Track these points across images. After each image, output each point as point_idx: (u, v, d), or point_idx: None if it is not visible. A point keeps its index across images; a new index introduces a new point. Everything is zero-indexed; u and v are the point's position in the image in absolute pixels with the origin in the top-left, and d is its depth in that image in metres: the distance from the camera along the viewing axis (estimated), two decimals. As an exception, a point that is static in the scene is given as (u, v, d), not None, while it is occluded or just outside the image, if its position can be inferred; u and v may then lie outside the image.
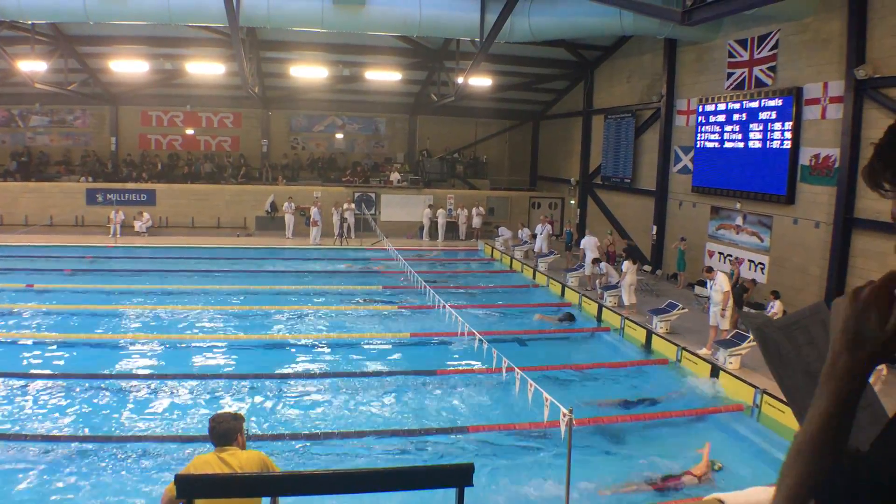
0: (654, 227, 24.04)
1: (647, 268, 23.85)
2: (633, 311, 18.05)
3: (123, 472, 9.63)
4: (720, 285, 14.97)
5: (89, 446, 10.33)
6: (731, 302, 14.93)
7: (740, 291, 17.21)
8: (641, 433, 11.34)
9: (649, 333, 16.30)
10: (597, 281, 20.94)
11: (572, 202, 32.54)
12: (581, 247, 22.74)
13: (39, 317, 18.08)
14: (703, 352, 14.56)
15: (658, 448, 10.78)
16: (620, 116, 26.83)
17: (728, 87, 20.35)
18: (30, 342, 15.93)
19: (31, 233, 30.30)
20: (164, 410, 11.92)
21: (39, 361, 14.55)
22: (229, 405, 11.75)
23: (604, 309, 18.84)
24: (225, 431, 5.16)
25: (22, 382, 13.04)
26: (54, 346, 15.63)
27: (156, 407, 12.11)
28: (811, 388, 1.24)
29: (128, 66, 29.49)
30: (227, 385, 13.26)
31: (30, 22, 23.91)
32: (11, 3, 19.94)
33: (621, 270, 19.00)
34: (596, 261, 20.99)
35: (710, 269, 16.08)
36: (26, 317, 18.05)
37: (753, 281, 18.23)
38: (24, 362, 14.35)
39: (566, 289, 21.40)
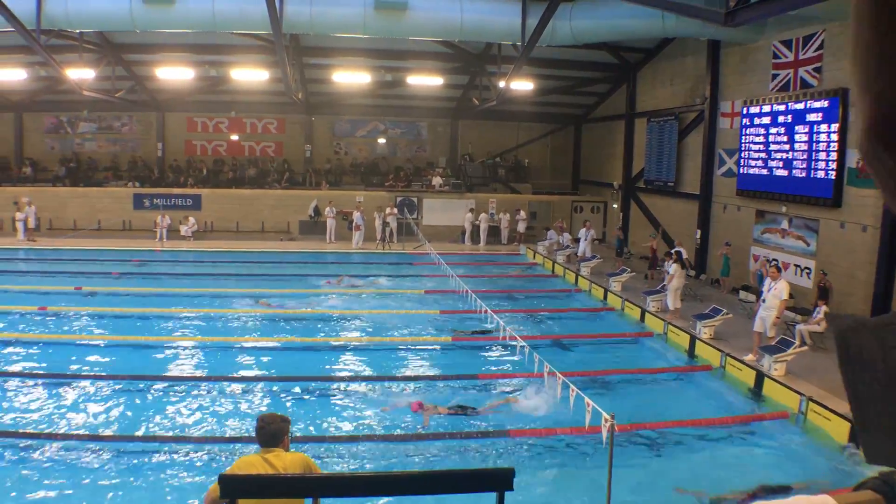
0: (699, 232, 23.81)
1: (692, 272, 23.61)
2: (676, 316, 17.89)
3: (167, 473, 9.78)
4: (780, 292, 14.60)
5: (133, 446, 10.52)
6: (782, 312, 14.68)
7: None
8: (684, 439, 11.22)
9: (693, 339, 16.11)
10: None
11: (615, 206, 32.33)
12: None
13: (87, 319, 18.45)
14: (749, 358, 14.34)
15: (701, 455, 10.68)
16: (663, 119, 26.63)
17: (773, 88, 20.10)
18: (77, 343, 16.24)
19: (80, 237, 30.91)
20: (207, 412, 12.07)
21: (86, 362, 14.82)
22: (272, 407, 11.85)
23: (647, 314, 18.70)
24: (274, 433, 5.23)
25: (69, 383, 13.32)
26: (101, 348, 15.93)
27: (199, 408, 12.27)
28: (890, 395, 1.21)
29: (173, 74, 29.92)
30: (269, 387, 13.40)
31: (77, 31, 24.41)
32: (59, 12, 20.37)
33: (667, 273, 18.83)
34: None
35: (777, 269, 15.46)
36: (74, 319, 18.42)
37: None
38: (72, 363, 14.62)
39: (608, 293, 21.26)
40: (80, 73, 27.08)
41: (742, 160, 21.46)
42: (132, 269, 25.49)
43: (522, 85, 28.70)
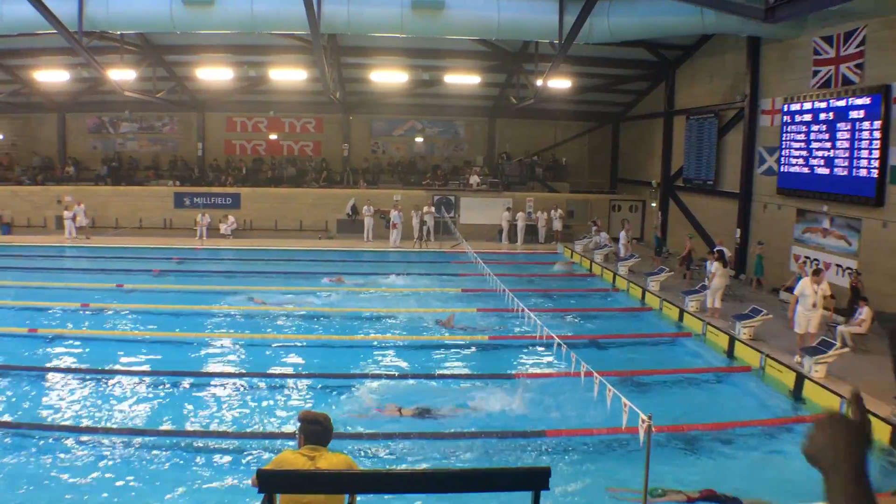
0: (738, 231, 23.53)
1: (731, 272, 23.34)
2: (715, 316, 17.72)
3: (205, 467, 9.93)
4: (824, 290, 14.53)
5: (171, 441, 10.71)
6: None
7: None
8: (722, 441, 11.12)
9: (732, 339, 15.94)
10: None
11: (653, 204, 32.09)
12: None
13: (128, 315, 18.74)
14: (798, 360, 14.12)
15: (739, 457, 10.59)
16: (703, 117, 26.36)
17: (813, 85, 19.81)
18: (118, 339, 16.54)
19: (122, 235, 31.39)
20: (244, 408, 12.21)
21: (127, 358, 15.07)
22: (310, 404, 11.93)
23: (685, 314, 18.54)
24: (326, 431, 5.30)
25: (110, 378, 13.58)
26: (141, 344, 16.19)
27: (237, 404, 12.43)
28: None
29: (213, 74, 30.24)
30: (307, 384, 13.56)
31: (119, 32, 24.76)
32: (101, 14, 20.66)
33: (709, 272, 18.65)
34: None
35: (817, 272, 15.26)
36: (116, 315, 18.73)
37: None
38: (113, 359, 14.88)
39: (646, 293, 21.12)
40: (122, 75, 27.45)
41: (783, 158, 21.18)
42: (172, 266, 25.85)
43: (560, 83, 28.56)
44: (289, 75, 30.14)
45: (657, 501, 9.02)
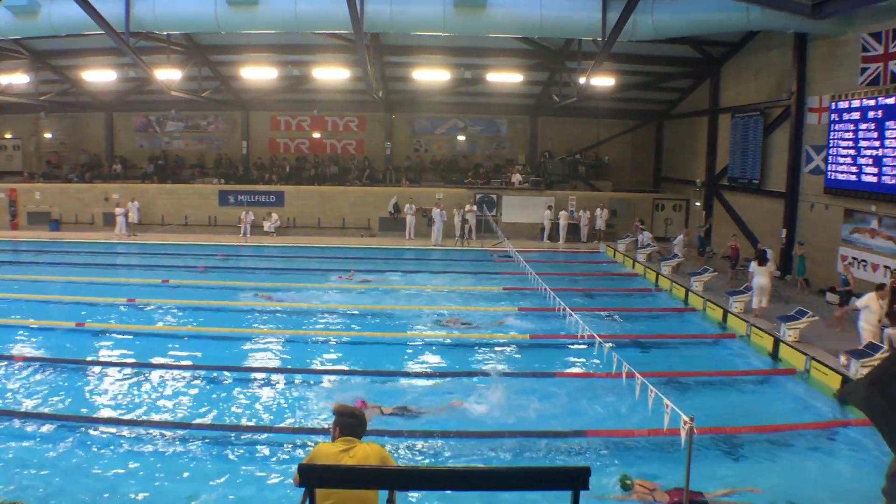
0: (784, 231, 23.18)
1: (777, 272, 23.00)
2: (756, 315, 17.49)
3: (244, 460, 10.07)
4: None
5: (212, 434, 10.87)
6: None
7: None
8: (765, 444, 10.95)
9: (777, 341, 15.71)
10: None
11: (697, 204, 31.74)
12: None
13: (173, 311, 19.02)
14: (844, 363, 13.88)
15: (783, 461, 10.44)
16: (748, 115, 26.00)
17: (862, 82, 19.42)
18: (163, 334, 16.82)
19: (168, 232, 31.88)
20: (284, 402, 12.33)
21: (171, 353, 15.31)
22: (349, 399, 11.97)
23: (729, 315, 18.32)
24: (360, 424, 5.44)
25: (154, 372, 13.83)
26: (185, 339, 16.45)
27: (277, 399, 12.57)
28: None
29: (257, 74, 30.55)
30: (346, 380, 13.63)
31: (165, 33, 25.12)
32: (148, 15, 20.97)
33: (748, 273, 18.39)
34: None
35: (881, 286, 14.88)
36: (161, 311, 19.04)
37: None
38: (158, 353, 15.12)
39: (690, 293, 20.90)
40: (168, 74, 27.88)
41: (830, 157, 20.80)
42: (217, 263, 26.18)
43: (603, 81, 28.38)
44: (332, 74, 30.33)
45: (623, 501, 8.97)
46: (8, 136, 39.32)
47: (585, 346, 15.17)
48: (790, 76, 22.97)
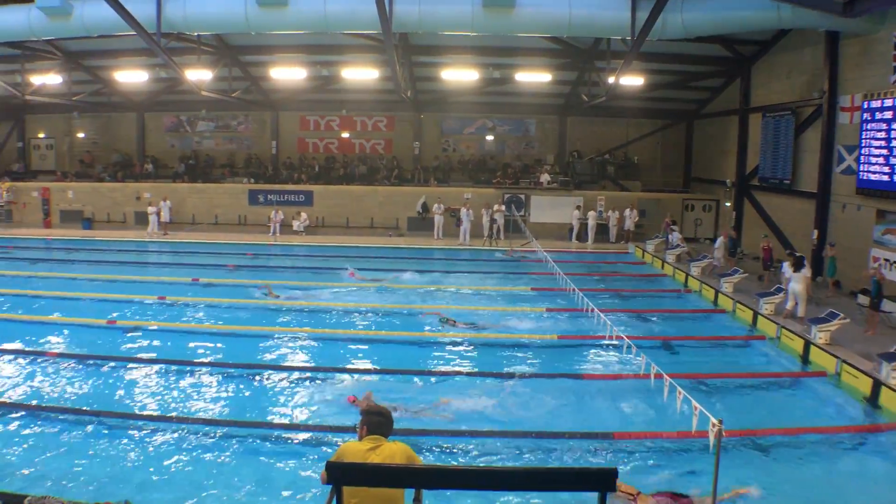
0: (815, 232, 22.92)
1: (819, 279, 22.68)
2: (788, 319, 17.32)
3: (270, 457, 10.16)
4: None
5: (239, 431, 10.97)
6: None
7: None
8: (795, 447, 10.84)
9: (807, 343, 15.52)
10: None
11: (727, 204, 31.49)
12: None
13: (203, 308, 19.20)
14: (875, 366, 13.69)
15: (812, 464, 10.33)
16: (779, 114, 25.74)
17: (894, 81, 19.18)
18: (192, 332, 16.99)
19: (198, 230, 32.18)
20: (310, 400, 12.42)
21: (199, 349, 15.50)
22: (375, 399, 12.01)
23: (759, 316, 18.14)
24: (387, 422, 5.49)
25: (184, 369, 14.01)
26: (215, 337, 16.61)
27: (303, 396, 12.66)
28: None
29: (287, 74, 30.75)
30: (372, 379, 13.67)
31: (195, 34, 25.33)
32: (178, 16, 21.15)
33: (782, 274, 18.20)
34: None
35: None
36: (191, 308, 19.25)
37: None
38: (188, 350, 15.32)
39: (719, 294, 20.73)
40: (199, 75, 28.14)
41: (862, 157, 20.54)
42: (247, 261, 26.37)
43: (632, 80, 28.24)
44: (361, 74, 30.46)
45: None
46: (41, 135, 39.94)
47: (613, 347, 15.12)
48: (821, 75, 22.71)
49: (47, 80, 31.27)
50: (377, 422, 5.44)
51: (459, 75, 30.92)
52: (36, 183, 36.08)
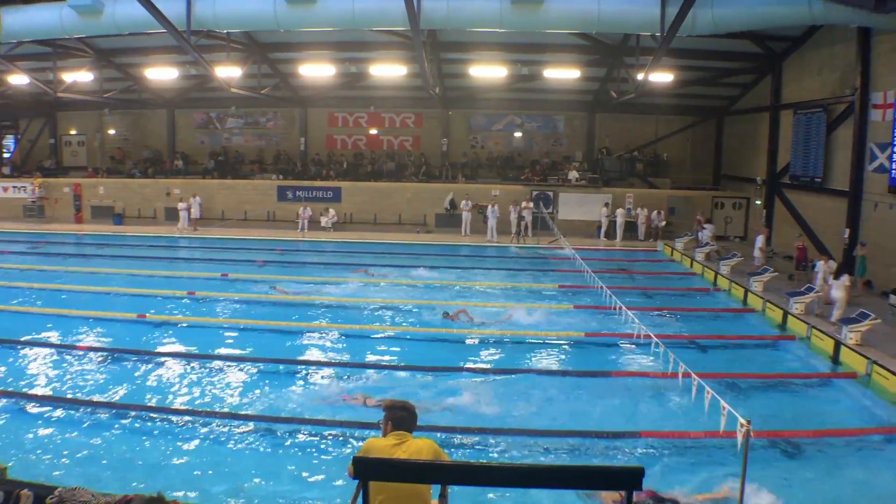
0: (847, 231, 22.64)
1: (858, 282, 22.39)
2: (820, 318, 17.13)
3: (295, 452, 10.23)
4: None
5: (265, 425, 11.05)
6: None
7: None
8: (824, 449, 10.72)
9: (837, 344, 15.32)
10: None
11: (758, 202, 31.19)
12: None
13: (231, 304, 19.37)
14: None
15: (842, 466, 10.21)
16: (811, 111, 25.44)
17: (929, 78, 18.90)
18: (221, 327, 17.17)
19: (227, 226, 32.41)
20: (336, 395, 12.40)
21: (228, 344, 15.68)
22: (402, 394, 12.03)
23: (789, 316, 17.95)
24: (411, 417, 5.49)
25: (212, 363, 14.18)
26: (243, 331, 16.79)
27: (330, 392, 12.65)
28: None
29: (315, 71, 30.88)
30: (399, 375, 13.70)
31: (225, 31, 25.50)
32: (208, 13, 21.29)
33: (815, 274, 18.01)
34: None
35: None
36: (220, 303, 19.43)
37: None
38: (216, 345, 15.49)
39: (749, 293, 20.54)
40: (228, 72, 28.36)
41: (895, 155, 20.28)
42: (275, 257, 26.55)
43: (662, 77, 28.07)
44: (389, 71, 30.52)
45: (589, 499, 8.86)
46: (73, 132, 40.45)
47: (641, 346, 15.05)
48: (853, 71, 22.43)
49: (79, 77, 31.60)
50: (401, 417, 5.42)
51: (487, 72, 30.87)
52: (68, 179, 36.51)
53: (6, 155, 42.46)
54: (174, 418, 11.29)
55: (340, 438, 10.63)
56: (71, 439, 10.42)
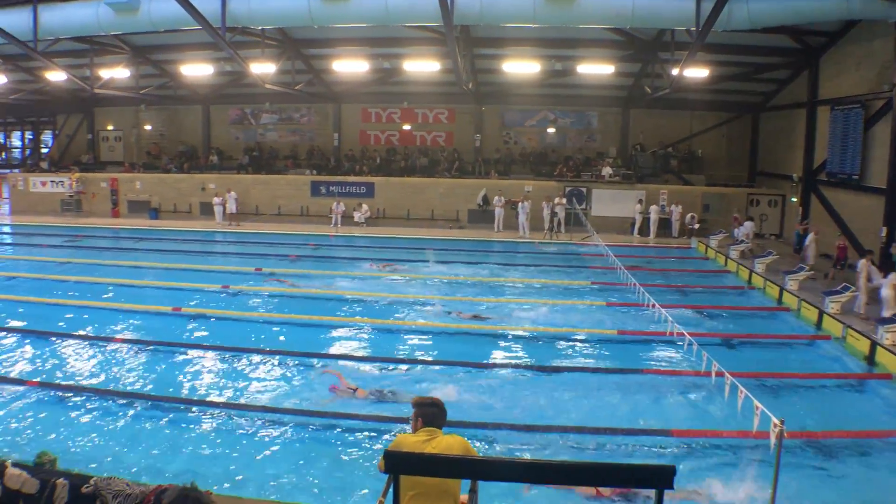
0: (884, 229, 22.30)
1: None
2: (865, 319, 16.89)
3: (327, 445, 10.32)
4: None
5: (297, 419, 11.15)
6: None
7: None
8: (859, 451, 10.59)
9: (873, 344, 15.08)
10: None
11: (794, 199, 30.83)
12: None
13: (265, 298, 19.54)
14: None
15: (877, 470, 10.09)
16: (848, 107, 25.07)
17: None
18: (255, 321, 17.34)
19: (261, 221, 32.72)
20: (369, 390, 12.42)
21: (262, 338, 15.79)
22: (432, 390, 12.05)
23: (825, 315, 17.73)
24: (441, 413, 5.53)
25: (245, 356, 14.30)
26: (276, 325, 16.95)
27: (363, 386, 12.64)
28: None
29: (349, 67, 31.02)
30: (430, 370, 13.77)
31: (260, 27, 25.67)
32: (243, 10, 21.47)
33: (858, 274, 17.80)
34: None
35: None
36: (253, 297, 19.63)
37: None
38: (250, 339, 15.61)
39: (784, 292, 20.30)
40: (263, 68, 28.57)
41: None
42: (308, 252, 26.72)
43: (697, 72, 27.81)
44: (422, 67, 30.55)
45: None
46: (110, 127, 40.98)
47: (674, 343, 14.96)
48: (892, 67, 22.07)
49: (115, 73, 31.97)
50: (432, 413, 5.45)
51: (521, 67, 30.79)
52: (105, 174, 37.04)
53: (44, 150, 43.16)
54: (207, 411, 11.43)
55: (373, 434, 10.68)
56: (106, 430, 10.61)
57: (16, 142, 46.42)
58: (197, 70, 31.81)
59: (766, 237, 31.22)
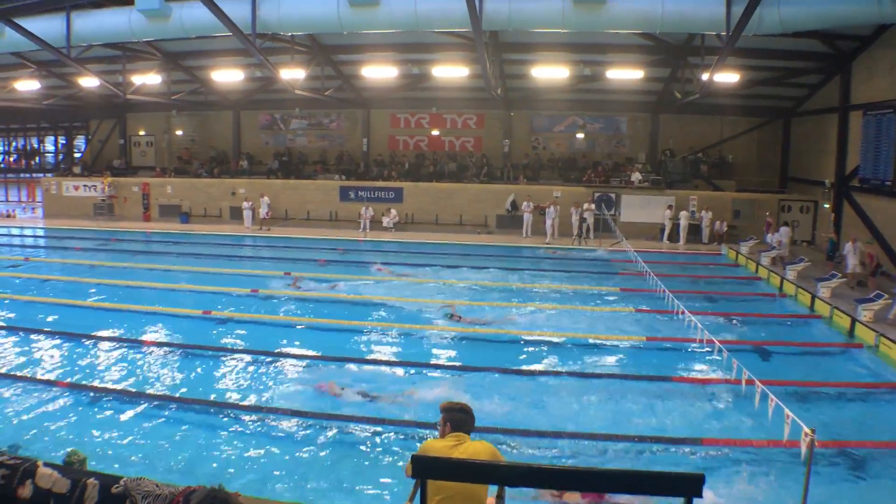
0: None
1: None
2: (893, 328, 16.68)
3: (354, 450, 10.33)
4: None
5: (324, 423, 11.18)
6: None
7: None
8: (889, 462, 10.42)
9: (907, 352, 14.92)
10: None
11: (825, 206, 30.48)
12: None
13: (294, 302, 19.68)
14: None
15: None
16: (881, 112, 24.75)
17: None
18: (284, 325, 17.48)
19: (291, 226, 32.91)
20: (394, 394, 12.47)
21: (290, 341, 15.92)
22: (457, 395, 12.03)
23: (857, 323, 17.50)
24: (469, 419, 5.53)
25: (275, 360, 14.43)
26: (304, 329, 17.09)
27: (387, 391, 12.71)
28: None
29: (378, 72, 31.07)
30: (456, 375, 13.77)
31: (289, 34, 25.83)
32: (272, 17, 21.60)
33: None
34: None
35: None
36: (282, 301, 19.80)
37: None
38: (278, 342, 15.73)
39: (816, 299, 20.06)
40: (292, 74, 28.78)
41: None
42: (337, 257, 26.84)
43: (727, 77, 27.60)
44: (451, 72, 30.55)
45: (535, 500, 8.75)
46: (142, 132, 41.47)
47: (703, 351, 14.85)
48: (927, 72, 21.80)
49: (147, 79, 32.31)
50: (460, 419, 5.45)
51: (550, 73, 30.69)
52: (136, 178, 37.47)
53: (77, 155, 43.70)
54: (235, 413, 11.51)
55: (403, 438, 10.69)
56: (136, 431, 10.71)
57: (49, 147, 46.98)
58: (227, 76, 32.09)
59: (797, 244, 30.89)
